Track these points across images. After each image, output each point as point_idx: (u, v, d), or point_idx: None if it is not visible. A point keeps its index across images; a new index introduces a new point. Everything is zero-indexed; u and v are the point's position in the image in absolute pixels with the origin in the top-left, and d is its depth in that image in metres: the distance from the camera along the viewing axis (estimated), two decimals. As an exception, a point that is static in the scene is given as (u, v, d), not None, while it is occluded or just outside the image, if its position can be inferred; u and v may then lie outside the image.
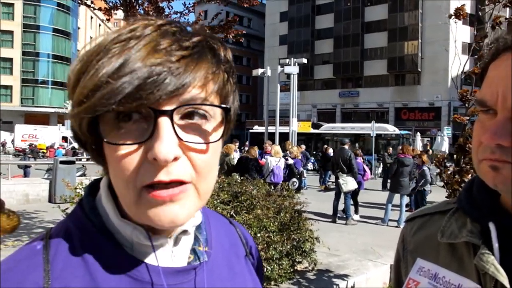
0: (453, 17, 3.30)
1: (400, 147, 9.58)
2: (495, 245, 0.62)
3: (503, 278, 0.60)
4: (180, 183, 0.50)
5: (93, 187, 0.61)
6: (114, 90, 0.46)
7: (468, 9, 3.43)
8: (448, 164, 3.55)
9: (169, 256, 0.57)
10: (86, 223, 0.56)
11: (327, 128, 27.09)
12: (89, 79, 0.48)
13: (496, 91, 0.59)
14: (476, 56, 3.25)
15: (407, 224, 0.84)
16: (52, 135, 32.96)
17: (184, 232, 0.58)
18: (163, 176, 0.48)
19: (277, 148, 9.77)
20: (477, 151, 0.63)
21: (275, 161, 9.20)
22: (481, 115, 0.63)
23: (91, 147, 0.54)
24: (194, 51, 0.50)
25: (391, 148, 16.79)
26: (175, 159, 0.48)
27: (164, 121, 0.48)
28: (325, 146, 16.58)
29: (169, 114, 0.48)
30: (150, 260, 0.55)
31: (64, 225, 0.57)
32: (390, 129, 25.16)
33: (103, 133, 0.49)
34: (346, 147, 9.08)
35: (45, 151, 27.88)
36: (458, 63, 3.45)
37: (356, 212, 9.19)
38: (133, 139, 0.49)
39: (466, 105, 3.27)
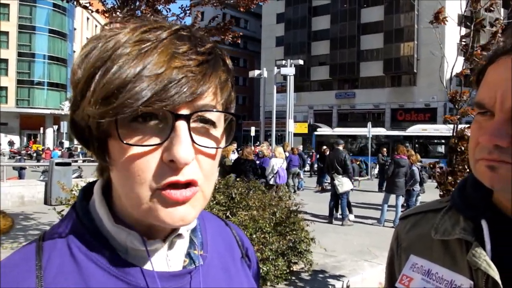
0: (434, 21, 3.34)
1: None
2: (487, 241, 0.64)
3: (494, 273, 0.61)
4: (192, 184, 0.51)
5: (87, 191, 0.61)
6: (141, 91, 0.47)
7: (462, 10, 3.46)
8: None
9: (164, 260, 0.58)
10: (80, 228, 0.56)
11: (415, 129, 24.31)
12: (112, 77, 0.48)
13: (495, 93, 0.60)
14: (464, 58, 3.29)
15: (401, 222, 0.85)
16: None
17: (179, 235, 0.59)
18: (180, 177, 0.50)
19: (280, 149, 9.83)
20: (474, 151, 0.64)
21: (280, 162, 9.25)
22: (478, 117, 0.65)
23: (94, 145, 0.53)
24: (210, 57, 0.52)
25: (385, 149, 16.77)
26: None
27: (182, 125, 0.49)
28: (324, 147, 16.56)
29: (187, 118, 0.50)
30: (144, 264, 0.55)
31: (57, 229, 0.57)
32: None
33: (120, 134, 0.49)
34: (341, 148, 9.11)
35: (40, 152, 27.78)
36: (450, 64, 3.48)
37: (350, 212, 9.20)
38: (150, 141, 0.49)
39: (456, 106, 3.31)
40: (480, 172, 0.63)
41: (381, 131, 25.63)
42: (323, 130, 27.20)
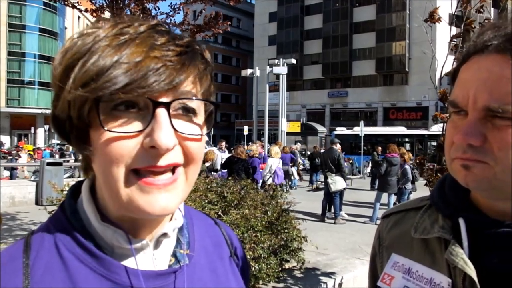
0: (428, 19, 3.37)
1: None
2: (465, 239, 0.64)
3: (471, 271, 0.62)
4: (172, 168, 0.52)
5: (76, 189, 0.61)
6: (120, 75, 0.49)
7: (453, 10, 3.49)
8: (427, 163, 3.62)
9: (150, 259, 0.58)
10: (67, 226, 0.56)
11: (440, 128, 23.49)
12: (92, 65, 0.50)
13: (467, 92, 0.61)
14: (454, 57, 3.32)
15: (383, 221, 0.86)
16: None
17: (164, 235, 0.59)
18: (161, 161, 0.51)
19: (276, 148, 9.82)
20: (449, 150, 0.65)
21: (277, 162, 9.23)
22: (453, 116, 0.65)
23: (75, 136, 0.54)
24: (188, 50, 0.54)
25: (380, 148, 16.86)
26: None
27: (162, 112, 0.51)
28: (315, 145, 16.60)
29: (167, 105, 0.51)
30: (130, 263, 0.56)
31: (45, 228, 0.57)
32: None
33: (101, 120, 0.50)
34: (335, 147, 9.14)
35: (31, 152, 27.48)
36: (441, 63, 3.51)
37: (340, 209, 9.21)
38: (131, 127, 0.51)
39: (446, 104, 3.34)
40: (455, 171, 0.64)
41: (403, 130, 25.61)
42: (342, 129, 26.72)
